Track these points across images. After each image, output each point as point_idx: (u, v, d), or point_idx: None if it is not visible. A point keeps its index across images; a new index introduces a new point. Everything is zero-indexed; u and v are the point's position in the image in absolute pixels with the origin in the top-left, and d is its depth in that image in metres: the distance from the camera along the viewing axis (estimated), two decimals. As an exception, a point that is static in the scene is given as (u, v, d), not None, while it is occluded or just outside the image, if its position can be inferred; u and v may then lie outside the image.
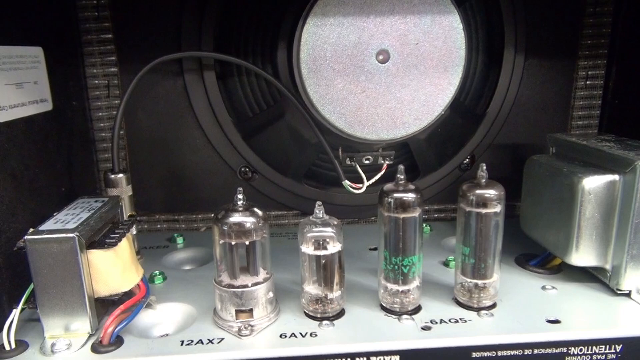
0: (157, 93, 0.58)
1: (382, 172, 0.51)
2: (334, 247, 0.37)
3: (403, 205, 0.37)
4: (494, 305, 0.40)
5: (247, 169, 0.60)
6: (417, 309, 0.40)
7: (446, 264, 0.48)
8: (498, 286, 0.40)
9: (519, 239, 0.51)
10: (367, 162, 0.52)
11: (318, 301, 0.38)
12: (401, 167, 0.39)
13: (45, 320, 0.35)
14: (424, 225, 0.59)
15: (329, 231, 0.37)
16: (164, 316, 0.41)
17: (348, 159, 0.52)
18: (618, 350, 0.36)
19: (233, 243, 0.36)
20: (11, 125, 0.41)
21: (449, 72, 0.44)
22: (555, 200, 0.44)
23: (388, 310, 0.39)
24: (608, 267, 0.42)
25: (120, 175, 0.48)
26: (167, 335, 0.39)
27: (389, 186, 0.38)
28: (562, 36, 0.60)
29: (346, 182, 0.50)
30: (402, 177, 0.38)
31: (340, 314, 0.39)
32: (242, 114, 0.59)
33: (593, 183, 0.40)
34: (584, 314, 0.39)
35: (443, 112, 0.45)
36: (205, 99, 0.57)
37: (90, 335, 0.36)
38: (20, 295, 0.36)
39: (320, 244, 0.37)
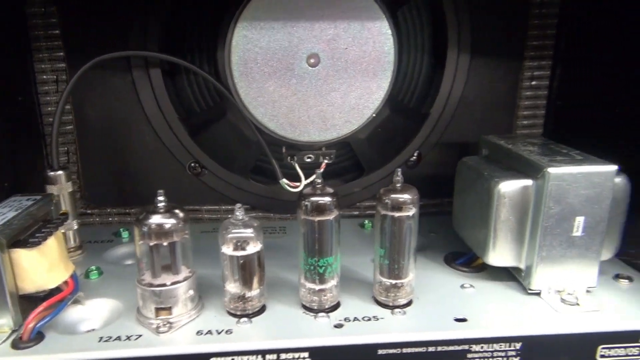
0: (106, 89, 0.59)
1: (320, 170, 0.52)
2: (253, 248, 0.39)
3: (319, 209, 0.38)
4: (409, 304, 0.42)
5: (196, 165, 0.61)
6: (336, 307, 0.41)
7: (377, 261, 0.50)
8: (413, 285, 0.42)
9: (452, 236, 0.53)
10: (308, 160, 0.53)
11: (238, 299, 0.40)
12: (318, 171, 0.40)
13: (-33, 316, 0.37)
14: (366, 221, 0.60)
15: (248, 232, 0.39)
16: (93, 312, 0.42)
17: (289, 157, 0.53)
18: (518, 348, 0.38)
19: (151, 244, 0.37)
20: (-57, 123, 0.42)
21: (378, 76, 0.45)
22: (477, 202, 0.45)
23: (307, 308, 0.41)
24: (522, 267, 0.43)
25: (60, 172, 0.49)
26: (93, 330, 0.40)
27: (307, 190, 0.39)
28: (508, 37, 0.61)
29: (283, 181, 0.51)
30: (319, 181, 0.39)
31: (261, 311, 0.41)
32: (190, 111, 0.60)
33: (508, 187, 0.42)
34: (492, 313, 0.41)
35: (374, 115, 0.46)
36: (153, 95, 0.57)
37: (14, 331, 0.37)
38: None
39: (239, 244, 0.39)
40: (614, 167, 0.40)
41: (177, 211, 0.38)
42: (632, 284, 0.45)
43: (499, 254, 0.43)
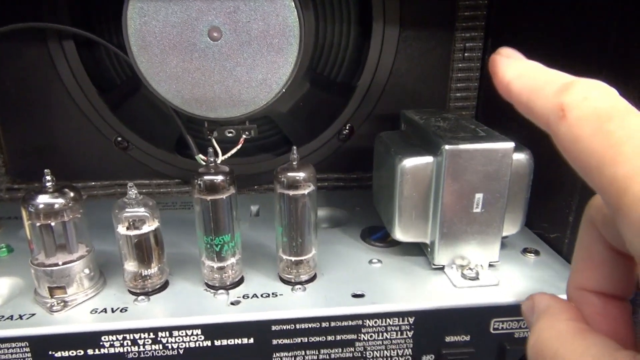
0: (23, 62, 0.57)
1: (238, 146, 0.52)
2: (148, 227, 0.39)
3: (212, 188, 0.38)
4: (312, 279, 0.42)
5: (122, 139, 0.60)
6: (238, 283, 0.41)
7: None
8: (316, 260, 0.42)
9: (374, 211, 0.53)
10: (229, 135, 0.52)
11: (137, 277, 0.40)
12: (210, 149, 0.39)
13: None
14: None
15: (142, 211, 0.38)
16: (-4, 290, 0.42)
17: (208, 132, 0.52)
18: (411, 322, 0.39)
19: (38, 224, 0.37)
20: None
21: (284, 51, 0.44)
22: (387, 178, 0.45)
23: (209, 286, 0.41)
24: (428, 242, 0.44)
25: (-35, 149, 0.48)
26: (-8, 309, 0.40)
27: (201, 169, 0.39)
28: (439, 7, 0.60)
29: (199, 157, 0.50)
30: (211, 159, 0.39)
31: (162, 288, 0.41)
32: (111, 84, 0.58)
33: (410, 164, 0.42)
34: (391, 288, 0.41)
35: (284, 90, 0.45)
36: (69, 68, 0.56)
37: None
38: None
39: (133, 224, 0.38)
40: (511, 144, 0.40)
41: (66, 190, 0.38)
42: (538, 257, 0.46)
43: (404, 230, 0.44)
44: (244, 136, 0.52)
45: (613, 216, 0.19)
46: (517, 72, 0.27)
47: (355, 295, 0.40)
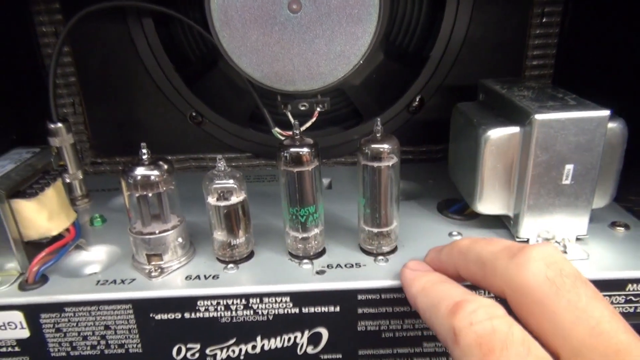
0: (105, 39, 0.59)
1: (313, 119, 0.52)
2: (236, 198, 0.40)
3: (298, 160, 0.39)
4: (393, 251, 0.42)
5: (197, 114, 0.61)
6: (321, 254, 0.42)
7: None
8: (398, 232, 0.42)
9: (450, 184, 0.53)
10: (303, 108, 0.53)
11: (225, 246, 0.41)
12: (296, 122, 0.40)
13: (-21, 260, 0.40)
14: (364, 169, 0.60)
15: (230, 183, 0.40)
16: (95, 257, 0.45)
17: (283, 105, 0.53)
18: (497, 295, 0.38)
19: (137, 195, 0.39)
20: (-57, 80, 0.44)
21: (364, 21, 0.43)
22: (467, 149, 0.45)
23: (293, 255, 0.42)
24: (511, 215, 0.43)
25: (59, 124, 0.51)
26: (94, 274, 0.43)
27: (286, 141, 0.40)
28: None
29: (275, 130, 0.51)
30: (297, 132, 0.39)
31: (248, 257, 0.42)
32: (186, 60, 0.59)
33: (495, 134, 0.41)
34: (476, 260, 0.41)
35: (362, 62, 0.45)
36: (148, 46, 0.58)
37: (21, 274, 0.41)
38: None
39: (222, 195, 0.40)
40: (606, 112, 0.38)
41: (161, 162, 0.40)
42: (628, 231, 0.44)
43: (486, 202, 0.43)
44: (317, 109, 0.52)
45: None
46: (420, 287, 0.33)
47: (438, 267, 0.40)
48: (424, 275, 0.35)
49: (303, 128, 0.52)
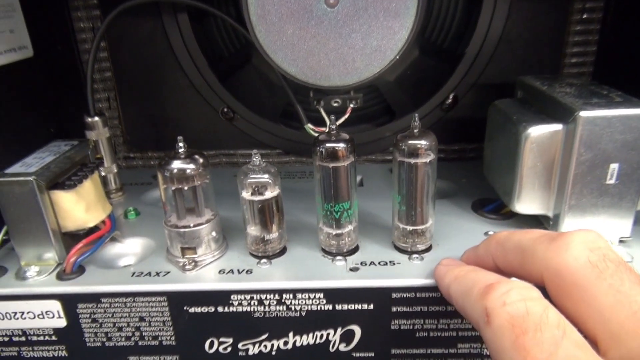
0: (140, 35, 0.60)
1: (346, 116, 0.52)
2: (270, 193, 0.40)
3: (333, 155, 0.38)
4: (428, 249, 0.42)
5: (228, 110, 0.62)
6: (354, 251, 0.42)
7: (402, 207, 0.50)
8: (433, 231, 0.41)
9: (484, 182, 0.52)
10: (335, 104, 0.52)
11: (258, 241, 0.41)
12: (332, 117, 0.40)
13: (18, 250, 0.41)
14: (395, 167, 0.60)
15: (265, 178, 0.40)
16: (130, 249, 0.46)
17: (315, 101, 0.52)
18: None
19: (173, 188, 0.39)
20: (-14, 74, 0.45)
21: (401, 15, 0.42)
22: (505, 148, 0.43)
23: (326, 252, 0.42)
24: (550, 215, 0.42)
25: (96, 118, 0.51)
26: (129, 266, 0.43)
27: (322, 136, 0.39)
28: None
29: (308, 126, 0.51)
30: (333, 127, 0.39)
31: (281, 253, 0.42)
32: (219, 55, 0.60)
33: (536, 132, 0.39)
34: (514, 261, 0.40)
35: (397, 57, 0.44)
36: (182, 41, 0.58)
37: (58, 265, 0.41)
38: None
39: (256, 189, 0.40)
40: (656, 110, 0.36)
41: (197, 157, 0.40)
42: (673, 234, 0.43)
43: (525, 202, 0.42)
44: (351, 105, 0.52)
45: None
46: (453, 276, 0.33)
47: (475, 267, 0.39)
48: (457, 266, 0.34)
49: (337, 123, 0.51)
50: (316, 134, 0.51)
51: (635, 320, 0.24)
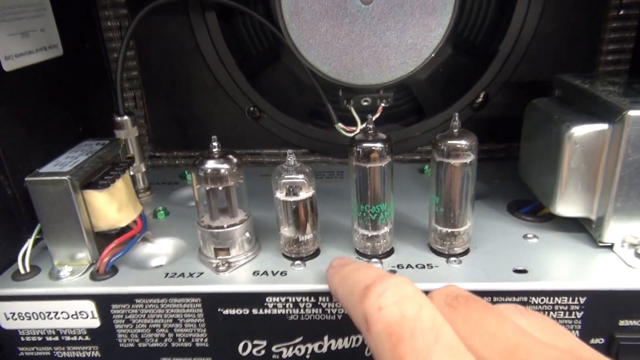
0: (167, 34, 0.59)
1: (377, 115, 0.50)
2: (305, 194, 0.39)
3: (371, 155, 0.37)
4: (465, 252, 0.40)
5: (255, 109, 0.61)
6: (389, 253, 0.41)
7: (435, 208, 0.49)
8: (471, 234, 0.40)
9: (518, 184, 0.50)
10: (365, 103, 0.51)
11: (292, 243, 0.41)
12: (370, 117, 0.39)
13: (52, 249, 0.41)
14: (425, 166, 0.59)
15: (300, 178, 0.39)
16: (161, 249, 0.45)
17: (345, 100, 0.51)
18: (582, 302, 0.36)
19: (207, 188, 0.39)
20: (19, 73, 0.45)
21: (438, 12, 0.41)
22: (545, 148, 0.42)
23: (360, 254, 0.41)
24: (593, 218, 0.41)
25: (125, 117, 0.51)
26: (161, 266, 0.43)
27: (358, 135, 0.39)
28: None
29: (339, 125, 0.50)
30: (370, 126, 0.38)
31: (314, 255, 0.41)
32: (247, 54, 0.59)
33: (580, 132, 0.38)
34: (557, 265, 0.39)
35: (433, 55, 0.43)
36: (209, 39, 0.58)
37: (91, 265, 0.41)
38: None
39: (291, 190, 0.39)
40: None
41: (231, 156, 0.39)
42: None
43: (567, 204, 0.41)
44: (382, 105, 0.51)
45: None
46: (339, 279, 0.31)
47: (517, 271, 0.38)
48: (344, 266, 0.32)
49: (365, 124, 0.50)
50: (347, 134, 0.50)
51: None
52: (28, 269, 0.40)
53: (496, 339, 0.24)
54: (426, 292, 0.36)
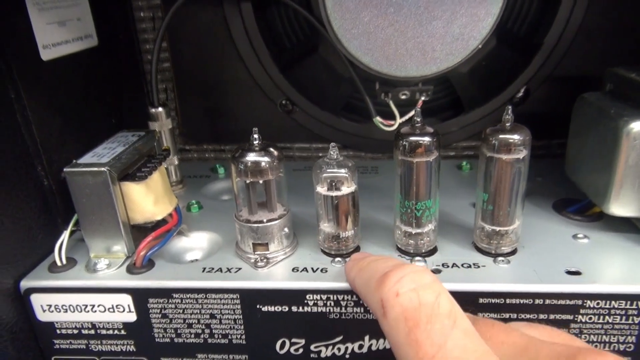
0: (199, 25, 0.59)
1: (417, 108, 0.49)
2: (347, 188, 0.38)
3: (417, 150, 0.36)
4: (513, 252, 0.39)
5: (287, 102, 0.60)
6: (433, 251, 0.40)
7: (477, 205, 0.47)
8: (519, 233, 0.39)
9: (563, 181, 0.48)
10: (403, 97, 0.50)
11: (332, 239, 0.39)
12: (418, 109, 0.37)
13: (88, 242, 0.40)
14: (463, 162, 0.57)
15: (342, 172, 0.38)
16: (196, 243, 0.44)
17: (383, 93, 0.50)
18: (640, 307, 0.34)
19: (248, 181, 0.38)
20: (56, 62, 0.44)
21: (488, 1, 0.40)
22: (599, 144, 0.40)
23: (402, 251, 0.40)
24: (650, 219, 0.39)
25: (160, 109, 0.50)
26: (196, 260, 0.42)
27: (405, 129, 0.37)
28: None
29: (377, 119, 0.49)
30: (418, 119, 0.37)
31: (354, 251, 0.40)
32: (281, 46, 0.58)
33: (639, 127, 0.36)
34: (612, 267, 0.37)
35: (480, 46, 0.41)
36: (243, 30, 0.56)
37: (128, 258, 0.40)
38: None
39: (333, 184, 0.38)
40: None
41: (272, 149, 0.38)
42: None
43: (623, 203, 0.39)
44: (422, 98, 0.49)
45: None
46: (357, 269, 0.32)
47: (570, 272, 0.36)
48: (363, 258, 0.33)
49: (405, 117, 0.49)
50: (385, 128, 0.49)
51: None
52: (64, 261, 0.40)
53: (505, 344, 0.25)
54: (475, 293, 0.35)
